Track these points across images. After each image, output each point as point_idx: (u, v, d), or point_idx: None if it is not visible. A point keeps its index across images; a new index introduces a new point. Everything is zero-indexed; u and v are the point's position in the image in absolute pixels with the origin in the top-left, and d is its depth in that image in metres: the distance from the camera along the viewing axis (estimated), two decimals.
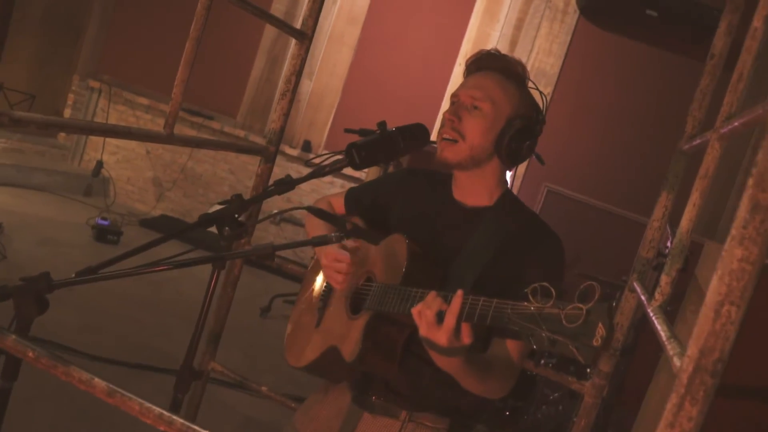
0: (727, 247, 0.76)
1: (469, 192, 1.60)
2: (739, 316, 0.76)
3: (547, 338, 1.06)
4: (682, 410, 0.77)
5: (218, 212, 1.50)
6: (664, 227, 1.81)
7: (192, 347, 1.61)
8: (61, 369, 1.01)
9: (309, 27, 2.00)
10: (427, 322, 1.22)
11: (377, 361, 1.47)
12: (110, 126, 1.36)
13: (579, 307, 1.04)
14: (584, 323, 1.03)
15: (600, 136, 6.49)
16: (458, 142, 1.53)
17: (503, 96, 1.52)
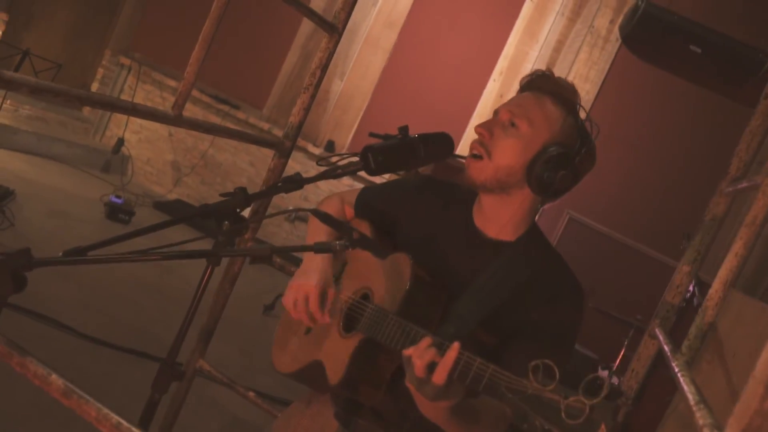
0: None
1: (491, 220, 1.45)
2: None
3: (541, 427, 0.95)
4: None
5: (219, 204, 1.39)
6: (695, 273, 1.68)
7: (176, 344, 1.50)
8: (16, 359, 0.90)
9: (341, 20, 1.90)
10: (417, 370, 1.10)
11: (362, 388, 1.35)
12: (112, 99, 1.27)
13: (583, 401, 0.92)
14: (586, 421, 0.92)
15: (629, 169, 6.34)
16: (483, 159, 1.40)
17: (543, 119, 1.39)
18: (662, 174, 6.25)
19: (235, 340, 4.37)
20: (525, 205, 1.43)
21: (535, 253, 1.41)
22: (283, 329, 1.70)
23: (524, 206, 1.43)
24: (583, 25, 6.58)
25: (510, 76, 6.65)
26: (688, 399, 0.94)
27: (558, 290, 1.37)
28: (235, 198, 1.39)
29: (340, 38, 1.91)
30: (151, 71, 7.38)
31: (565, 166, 1.38)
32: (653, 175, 6.29)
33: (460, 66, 6.83)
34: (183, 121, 1.47)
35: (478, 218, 1.47)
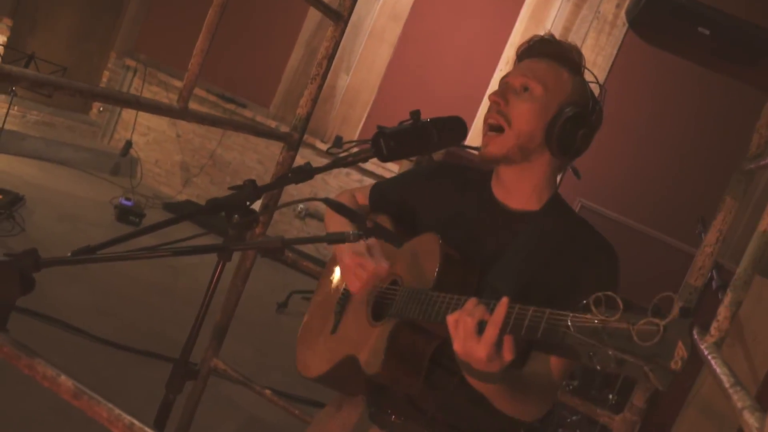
0: None
1: (513, 191, 1.42)
2: None
3: (614, 357, 0.88)
4: None
5: (228, 198, 1.36)
6: (717, 253, 1.64)
7: (189, 343, 1.47)
8: (24, 361, 0.87)
9: (346, 8, 1.86)
10: (466, 332, 1.06)
11: (400, 375, 1.30)
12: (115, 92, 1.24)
13: (655, 322, 0.86)
14: (661, 342, 0.85)
15: (639, 154, 6.29)
16: (504, 132, 1.37)
17: (556, 81, 1.38)
18: (673, 158, 6.19)
19: (249, 338, 4.35)
20: (546, 171, 1.41)
21: (563, 218, 1.39)
22: (306, 332, 1.66)
23: (546, 173, 1.41)
24: (589, 11, 6.51)
25: None
26: (722, 381, 0.90)
27: (591, 249, 1.35)
28: (245, 191, 1.36)
29: (345, 26, 1.88)
30: (156, 72, 7.37)
31: (583, 124, 1.37)
32: (663, 160, 6.23)
33: (466, 56, 6.77)
34: (188, 114, 1.44)
35: (499, 192, 1.44)
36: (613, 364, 0.88)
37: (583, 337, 0.92)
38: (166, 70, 7.35)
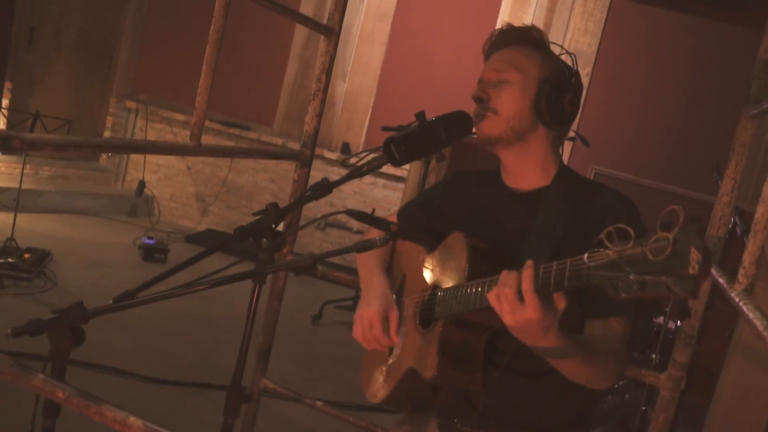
0: None
1: (521, 174, 1.48)
2: None
3: (636, 282, 0.90)
4: None
5: (254, 224, 1.41)
6: (734, 201, 1.66)
7: (239, 368, 1.52)
8: (93, 409, 0.93)
9: (335, 21, 1.91)
10: (509, 302, 1.09)
11: (459, 373, 1.33)
12: (131, 141, 1.30)
13: (664, 237, 0.89)
14: (673, 252, 0.87)
15: (643, 113, 6.29)
16: (491, 117, 1.43)
17: (528, 62, 1.42)
18: (678, 111, 6.19)
19: (290, 354, 4.40)
20: (546, 146, 1.46)
21: (575, 185, 1.44)
22: (367, 362, 1.68)
23: (546, 147, 1.46)
24: None
25: None
26: (756, 326, 0.93)
27: (609, 203, 1.39)
28: (268, 214, 1.41)
29: (338, 39, 1.92)
30: (158, 110, 7.45)
31: (566, 90, 1.42)
32: (669, 114, 6.23)
33: (457, 44, 6.80)
34: (203, 149, 1.49)
35: (509, 180, 1.50)
36: (636, 287, 0.90)
37: (605, 272, 0.94)
38: (167, 106, 7.43)
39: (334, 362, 4.56)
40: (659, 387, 1.74)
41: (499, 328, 1.28)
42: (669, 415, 1.73)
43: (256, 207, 7.18)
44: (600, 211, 1.38)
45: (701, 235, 0.85)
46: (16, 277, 4.63)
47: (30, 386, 1.00)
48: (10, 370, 1.00)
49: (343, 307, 5.71)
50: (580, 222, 1.36)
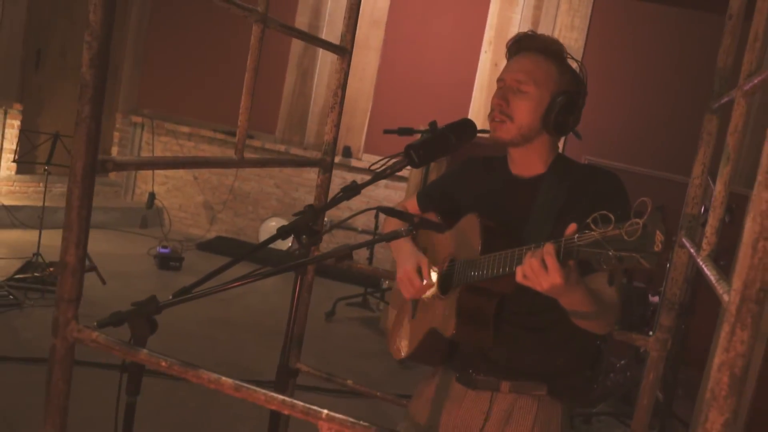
0: (756, 192, 0.89)
1: (524, 165, 1.73)
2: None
3: (615, 256, 1.16)
4: (734, 336, 0.90)
5: (294, 223, 1.65)
6: (705, 184, 1.91)
7: (286, 348, 1.77)
8: (191, 373, 1.17)
9: (348, 41, 2.15)
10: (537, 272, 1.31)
11: (474, 331, 1.58)
12: (191, 158, 1.54)
13: (636, 222, 1.14)
14: (643, 234, 1.13)
15: (632, 103, 6.54)
16: (506, 123, 1.66)
17: (545, 76, 1.65)
18: (662, 99, 6.44)
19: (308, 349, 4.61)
20: (548, 145, 1.71)
21: (568, 170, 1.69)
22: (393, 324, 1.96)
23: (547, 146, 1.71)
24: None
25: (499, 44, 6.86)
26: (711, 279, 1.18)
27: (596, 179, 1.66)
28: (307, 214, 1.65)
29: (351, 57, 2.17)
30: (163, 123, 7.70)
31: (572, 110, 1.67)
32: (655, 103, 6.48)
33: (450, 46, 7.05)
34: (246, 162, 1.73)
35: (515, 168, 1.75)
36: (615, 261, 1.16)
37: (591, 249, 1.21)
38: (172, 119, 7.68)
39: (350, 355, 4.82)
40: (648, 348, 1.99)
41: (507, 294, 1.57)
42: (658, 373, 1.99)
43: (262, 213, 7.45)
44: (592, 189, 1.63)
45: (665, 220, 1.12)
46: (43, 290, 4.88)
47: (138, 359, 1.25)
48: (122, 347, 1.25)
49: (353, 304, 5.96)
50: (575, 200, 1.62)
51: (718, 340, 0.94)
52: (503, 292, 1.55)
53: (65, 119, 7.29)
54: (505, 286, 1.52)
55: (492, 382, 1.69)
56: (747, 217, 0.91)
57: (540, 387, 1.68)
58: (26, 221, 6.55)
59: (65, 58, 7.29)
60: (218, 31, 7.45)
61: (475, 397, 1.72)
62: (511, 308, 1.61)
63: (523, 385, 1.68)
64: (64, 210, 1.27)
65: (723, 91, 1.79)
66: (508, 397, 1.69)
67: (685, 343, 4.33)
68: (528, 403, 1.68)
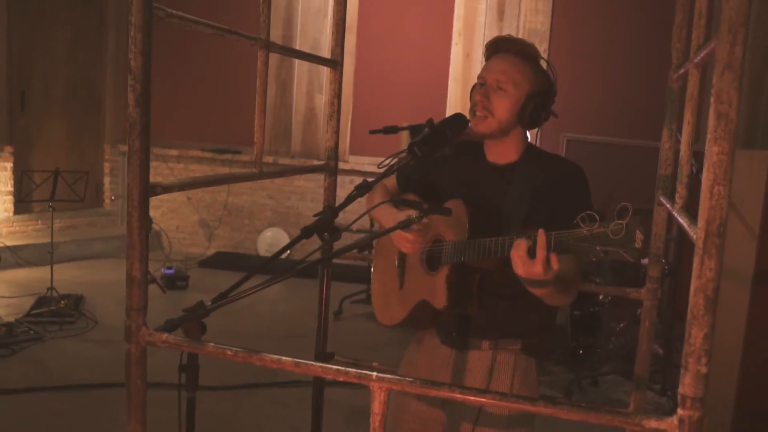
0: (707, 147, 1.11)
1: (500, 154, 1.95)
2: (726, 192, 1.11)
3: (601, 251, 1.38)
4: (704, 265, 1.12)
5: (316, 222, 1.85)
6: (674, 146, 2.13)
7: (320, 334, 1.98)
8: (255, 357, 1.38)
9: (338, 54, 2.35)
10: (522, 260, 1.50)
11: (461, 302, 1.82)
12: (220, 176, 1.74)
13: (619, 223, 1.36)
14: (626, 233, 1.35)
15: (603, 77, 6.77)
16: (488, 118, 1.88)
17: (521, 77, 1.86)
18: (632, 70, 6.66)
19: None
20: (520, 137, 1.94)
21: (537, 157, 1.93)
22: (379, 294, 2.17)
23: (519, 138, 1.94)
24: None
25: (468, 34, 7.09)
26: (684, 226, 1.40)
27: (563, 171, 1.89)
28: (326, 214, 1.86)
29: (342, 69, 2.37)
30: (151, 148, 7.84)
31: (543, 107, 1.89)
32: (624, 75, 6.71)
33: (421, 42, 7.27)
34: (264, 174, 1.94)
35: (490, 156, 1.97)
36: (602, 255, 1.39)
37: (579, 243, 1.42)
38: (159, 144, 7.85)
39: (362, 348, 5.03)
40: (642, 299, 2.22)
41: (489, 270, 1.81)
42: (652, 320, 2.21)
43: (258, 224, 7.63)
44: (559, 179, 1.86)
45: (642, 223, 1.35)
46: (60, 322, 5.06)
47: (205, 352, 1.46)
48: (190, 344, 1.45)
49: (358, 301, 6.17)
50: (543, 188, 1.84)
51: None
52: (487, 268, 1.80)
53: (56, 156, 7.45)
54: (488, 263, 1.77)
55: (474, 342, 1.94)
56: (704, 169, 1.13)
57: (515, 342, 1.93)
58: (30, 259, 6.72)
59: (49, 96, 7.45)
60: (194, 53, 7.62)
61: (460, 356, 1.96)
62: (492, 280, 1.85)
63: (501, 342, 1.93)
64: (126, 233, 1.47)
65: (680, 62, 2.02)
66: (488, 353, 1.93)
67: (676, 299, 4.58)
68: (507, 357, 1.93)
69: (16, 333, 4.70)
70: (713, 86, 1.09)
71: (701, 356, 1.13)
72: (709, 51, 1.35)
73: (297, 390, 4.20)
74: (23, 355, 4.52)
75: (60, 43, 7.52)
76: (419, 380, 1.33)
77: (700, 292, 1.13)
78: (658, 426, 1.18)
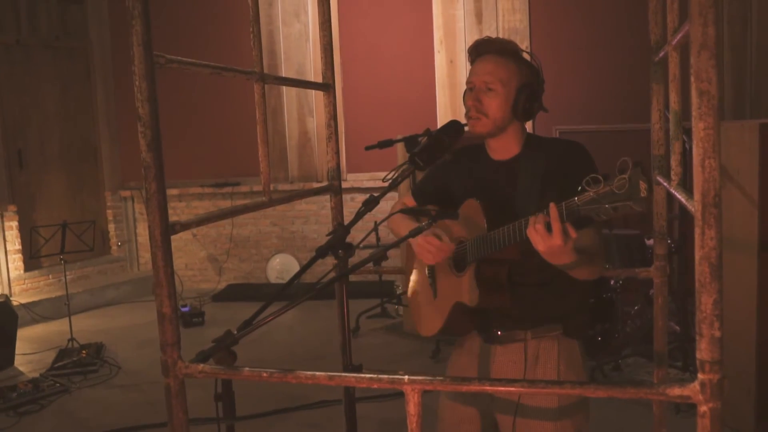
0: (693, 123, 1.17)
1: (502, 150, 2.01)
2: (716, 163, 1.17)
3: (611, 208, 1.43)
4: (705, 235, 1.18)
5: (330, 241, 1.91)
6: (664, 127, 2.20)
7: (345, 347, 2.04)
8: (290, 376, 1.44)
9: (329, 78, 2.42)
10: (541, 234, 1.57)
11: (494, 296, 1.87)
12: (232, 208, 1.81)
13: (622, 177, 1.41)
14: (630, 186, 1.39)
15: (588, 66, 6.85)
16: (483, 119, 1.94)
17: (508, 74, 1.93)
18: (616, 56, 6.73)
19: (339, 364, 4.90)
20: (519, 130, 2.00)
21: (539, 144, 1.99)
22: (416, 307, 2.23)
23: (518, 131, 2.00)
24: None
25: (449, 41, 7.18)
26: (683, 201, 1.46)
27: (565, 150, 1.95)
28: (338, 232, 1.92)
29: (335, 92, 2.44)
30: None
31: (536, 97, 1.96)
32: (610, 61, 6.77)
33: (404, 54, 7.36)
34: (274, 201, 2.01)
35: (494, 154, 2.04)
36: (612, 211, 1.43)
37: (589, 206, 1.47)
38: None
39: (385, 361, 5.08)
40: (652, 277, 2.28)
41: (515, 260, 1.85)
42: (665, 296, 2.27)
43: (265, 252, 7.70)
44: (563, 159, 1.92)
45: (645, 172, 1.40)
46: (84, 372, 5.12)
47: (241, 377, 1.52)
48: (227, 370, 1.52)
49: (374, 315, 6.22)
50: (550, 171, 1.90)
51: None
52: (512, 259, 1.84)
53: (59, 209, 7.53)
54: (512, 254, 1.81)
55: (514, 334, 1.98)
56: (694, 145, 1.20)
57: (556, 328, 1.97)
58: (46, 314, 6.78)
59: (45, 151, 7.54)
60: (183, 91, 7.70)
61: (504, 351, 2.00)
62: (519, 270, 1.90)
63: (542, 329, 1.97)
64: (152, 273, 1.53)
65: (659, 45, 2.09)
66: (531, 343, 1.98)
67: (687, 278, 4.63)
68: (549, 343, 1.98)
69: (42, 388, 4.75)
70: (692, 66, 1.16)
71: (713, 321, 1.19)
72: (684, 33, 1.42)
73: (326, 410, 4.26)
74: (52, 408, 4.57)
75: (50, 99, 7.61)
76: (449, 378, 1.39)
77: (705, 261, 1.19)
78: (681, 392, 1.23)
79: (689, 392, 1.23)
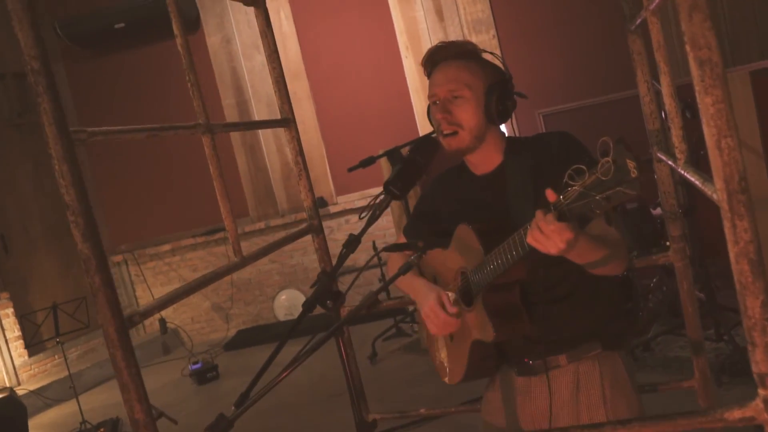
0: (699, 99, 0.98)
1: (484, 163, 1.82)
2: (735, 142, 0.98)
3: (602, 199, 1.24)
4: (736, 227, 0.99)
5: (315, 293, 1.73)
6: (654, 99, 2.01)
7: (355, 405, 1.84)
8: None
9: (287, 111, 2.24)
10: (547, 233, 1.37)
11: (511, 324, 1.66)
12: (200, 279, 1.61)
13: (606, 161, 1.22)
14: (617, 169, 1.21)
15: (559, 45, 6.67)
16: (459, 133, 1.75)
17: (472, 77, 1.74)
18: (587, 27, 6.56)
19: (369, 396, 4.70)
20: (497, 137, 1.80)
21: (521, 147, 1.79)
22: (436, 356, 2.01)
23: (497, 138, 1.80)
24: None
25: (414, 44, 7.00)
26: (698, 185, 1.27)
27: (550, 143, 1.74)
28: (323, 280, 1.73)
29: (296, 125, 2.26)
30: (143, 251, 7.77)
31: (507, 95, 1.76)
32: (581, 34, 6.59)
33: (372, 65, 7.18)
34: (248, 259, 1.82)
35: (477, 169, 1.85)
36: (604, 202, 1.23)
37: (578, 202, 1.28)
38: (149, 244, 7.75)
39: (408, 384, 4.88)
40: (672, 262, 2.08)
41: (523, 280, 1.66)
42: (689, 280, 2.08)
43: (270, 291, 7.51)
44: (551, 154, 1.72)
45: (629, 148, 1.20)
46: None
47: None
48: None
49: (390, 337, 6.02)
50: (539, 172, 1.70)
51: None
52: (519, 278, 1.64)
53: (53, 289, 7.34)
54: (518, 273, 1.60)
55: (550, 361, 1.76)
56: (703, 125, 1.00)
57: (594, 346, 1.75)
58: (57, 396, 6.58)
59: (28, 233, 7.36)
60: (159, 144, 7.53)
61: (540, 382, 1.78)
62: (531, 289, 1.70)
63: (578, 351, 1.75)
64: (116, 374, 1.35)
65: (634, 12, 1.90)
66: (569, 368, 1.76)
67: (703, 240, 4.43)
68: (589, 366, 1.75)
69: None
70: (684, 33, 0.97)
71: (765, 327, 1.00)
72: None
73: None
74: None
75: (24, 177, 7.43)
76: None
77: (743, 258, 1.00)
78: (743, 415, 1.04)
79: (752, 412, 1.04)
